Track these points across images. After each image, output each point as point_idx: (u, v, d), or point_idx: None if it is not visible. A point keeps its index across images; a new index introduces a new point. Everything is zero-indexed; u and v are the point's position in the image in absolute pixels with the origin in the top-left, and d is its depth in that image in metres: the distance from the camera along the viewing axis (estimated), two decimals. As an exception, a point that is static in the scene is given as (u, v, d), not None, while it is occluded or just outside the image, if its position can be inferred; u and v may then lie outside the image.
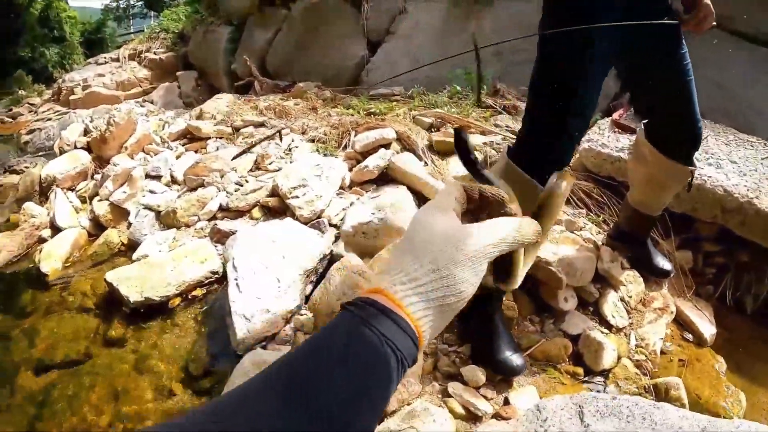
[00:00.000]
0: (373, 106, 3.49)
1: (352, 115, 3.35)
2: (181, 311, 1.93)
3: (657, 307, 1.77)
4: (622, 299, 1.77)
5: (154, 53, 7.17)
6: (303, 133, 3.32)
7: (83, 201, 3.05)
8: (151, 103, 6.41)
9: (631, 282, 1.81)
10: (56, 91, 7.19)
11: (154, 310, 1.92)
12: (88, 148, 3.54)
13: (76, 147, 5.24)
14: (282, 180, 2.36)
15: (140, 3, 15.45)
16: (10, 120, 7.63)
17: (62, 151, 5.38)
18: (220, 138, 3.33)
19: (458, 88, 3.47)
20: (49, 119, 6.61)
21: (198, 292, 2.01)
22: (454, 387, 1.38)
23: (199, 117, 3.82)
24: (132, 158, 3.22)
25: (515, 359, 1.43)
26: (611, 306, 1.72)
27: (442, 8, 4.20)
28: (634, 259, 1.85)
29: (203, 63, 6.44)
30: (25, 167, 5.05)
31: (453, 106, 3.26)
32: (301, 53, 4.78)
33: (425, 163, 2.50)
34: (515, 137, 1.43)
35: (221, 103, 3.97)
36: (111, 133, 3.15)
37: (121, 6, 15.62)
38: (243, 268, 1.81)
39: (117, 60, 7.31)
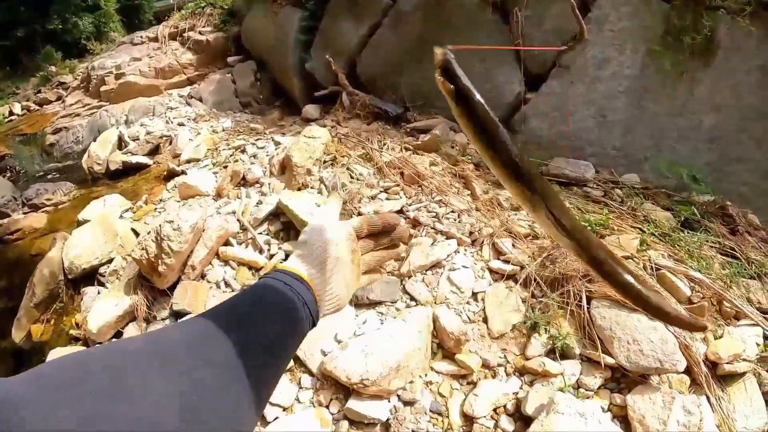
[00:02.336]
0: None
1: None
2: None
3: None
4: None
5: (200, 32, 5.82)
6: (473, 244, 2.08)
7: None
8: (200, 100, 5.15)
9: None
10: (85, 77, 5.96)
11: None
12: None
13: (108, 169, 4.15)
14: None
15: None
16: (37, 108, 6.51)
17: (91, 172, 4.26)
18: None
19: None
20: (78, 115, 5.44)
21: None
22: None
23: (288, 167, 2.56)
24: (202, 278, 2.02)
25: None
26: None
27: (641, 48, 2.77)
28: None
29: (264, 52, 5.08)
30: (47, 200, 3.93)
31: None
32: (413, 66, 3.39)
33: None
34: None
35: (315, 145, 2.68)
36: (167, 266, 1.93)
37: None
38: None
39: (155, 39, 6.00)
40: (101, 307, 2.03)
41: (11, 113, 6.58)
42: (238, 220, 2.30)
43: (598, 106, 2.87)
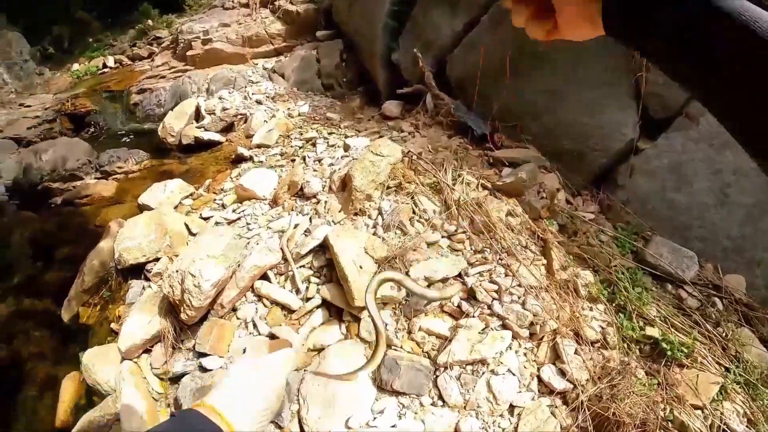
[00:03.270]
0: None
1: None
2: None
3: None
4: None
5: (291, 2, 5.61)
6: (530, 338, 1.75)
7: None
8: (282, 76, 4.99)
9: None
10: (173, 39, 6.01)
11: None
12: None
13: (180, 143, 4.12)
14: None
15: None
16: (129, 63, 6.71)
17: (165, 143, 4.26)
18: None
19: None
20: (163, 77, 5.50)
21: None
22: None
23: (348, 187, 2.31)
24: (234, 312, 1.85)
25: None
26: None
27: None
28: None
29: (352, 32, 4.78)
30: (118, 168, 3.98)
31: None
32: (512, 79, 2.95)
33: None
34: None
35: (381, 166, 2.38)
36: (187, 315, 1.77)
37: None
38: None
39: (246, 5, 5.88)
40: (133, 325, 1.93)
41: (104, 66, 6.83)
42: (281, 248, 2.09)
43: (723, 179, 2.29)
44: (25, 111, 5.89)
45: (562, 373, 1.66)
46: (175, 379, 1.80)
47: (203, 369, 1.76)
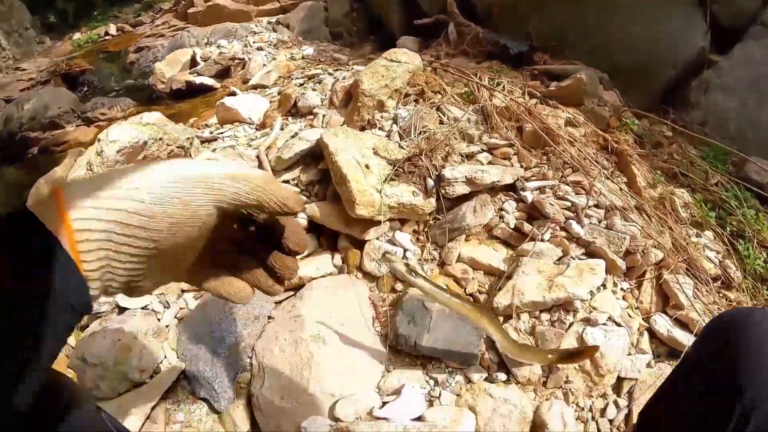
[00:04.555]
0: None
1: None
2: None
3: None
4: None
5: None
6: (627, 275, 1.19)
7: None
8: (287, 27, 4.51)
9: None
10: (176, 2, 5.59)
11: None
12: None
13: (171, 89, 3.66)
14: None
15: None
16: (131, 30, 6.32)
17: (154, 90, 3.79)
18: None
19: None
20: (162, 36, 5.06)
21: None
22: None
23: (354, 97, 1.77)
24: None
25: None
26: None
27: None
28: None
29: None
30: (101, 114, 3.52)
31: None
32: None
33: None
34: None
35: (398, 72, 1.82)
36: None
37: None
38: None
39: (253, -41, 5.41)
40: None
41: (106, 34, 6.47)
42: (257, 156, 1.56)
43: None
44: (20, 74, 5.58)
45: (682, 324, 1.10)
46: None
47: (121, 308, 1.25)
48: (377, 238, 1.28)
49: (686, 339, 1.09)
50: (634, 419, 0.97)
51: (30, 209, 0.33)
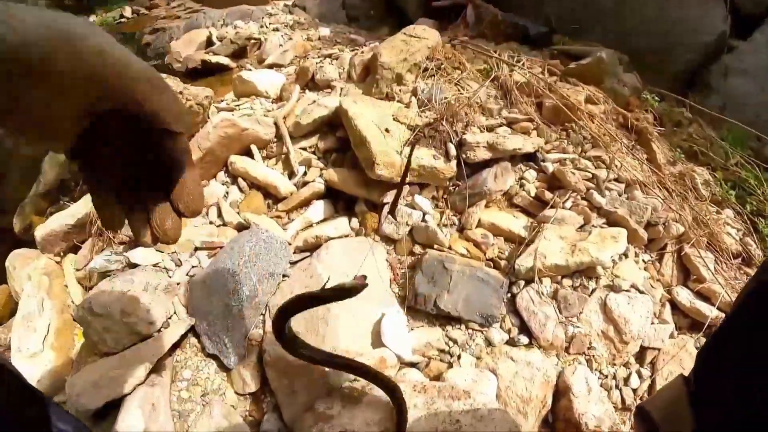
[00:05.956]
0: None
1: None
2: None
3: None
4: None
5: (320, -62, 5.09)
6: (648, 247, 1.18)
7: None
8: (303, 9, 4.50)
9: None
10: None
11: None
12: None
13: (187, 68, 3.66)
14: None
15: None
16: (146, 12, 6.31)
17: (169, 69, 3.81)
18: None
19: None
20: (177, 17, 5.06)
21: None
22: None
23: (372, 70, 1.75)
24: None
25: None
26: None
27: None
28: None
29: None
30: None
31: None
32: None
33: None
34: None
35: (417, 46, 1.81)
36: None
37: None
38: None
39: (272, -58, 5.38)
40: (63, 213, 1.42)
41: (122, 16, 6.46)
42: (275, 123, 1.55)
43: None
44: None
45: (706, 297, 1.09)
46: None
47: (132, 265, 1.24)
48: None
49: (709, 311, 1.07)
50: (658, 383, 0.96)
51: None
